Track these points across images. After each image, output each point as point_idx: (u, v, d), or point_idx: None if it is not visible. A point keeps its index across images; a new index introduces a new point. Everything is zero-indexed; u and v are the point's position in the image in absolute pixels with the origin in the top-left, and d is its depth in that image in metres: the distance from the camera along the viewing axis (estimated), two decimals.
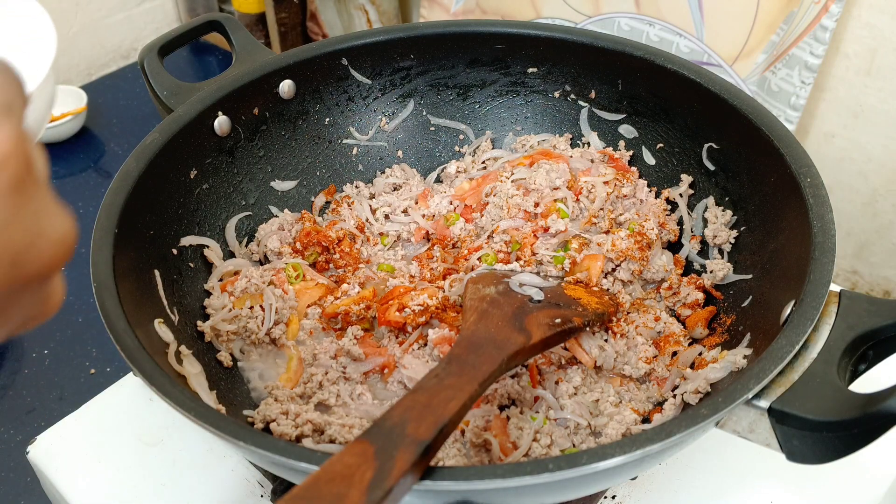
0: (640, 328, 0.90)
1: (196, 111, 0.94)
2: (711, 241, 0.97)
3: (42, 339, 1.62)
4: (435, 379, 0.68)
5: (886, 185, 1.57)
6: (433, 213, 1.05)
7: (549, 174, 1.02)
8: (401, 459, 0.58)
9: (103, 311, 0.72)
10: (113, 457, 0.91)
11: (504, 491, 0.60)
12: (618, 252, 0.94)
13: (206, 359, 0.85)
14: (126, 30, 2.48)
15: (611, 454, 0.60)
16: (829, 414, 0.62)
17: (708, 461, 0.90)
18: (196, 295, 0.92)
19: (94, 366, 1.58)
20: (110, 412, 0.95)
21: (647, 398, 0.85)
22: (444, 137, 1.14)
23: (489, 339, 0.77)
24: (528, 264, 0.95)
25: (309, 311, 0.93)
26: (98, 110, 2.25)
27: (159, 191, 0.90)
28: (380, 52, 1.07)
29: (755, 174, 0.91)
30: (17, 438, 1.45)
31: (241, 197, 1.02)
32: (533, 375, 0.86)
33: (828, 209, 0.78)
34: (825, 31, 1.41)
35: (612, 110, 1.08)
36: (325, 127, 1.09)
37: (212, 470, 0.90)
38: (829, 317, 0.70)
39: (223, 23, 1.06)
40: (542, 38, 1.06)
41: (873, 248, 1.65)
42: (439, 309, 0.90)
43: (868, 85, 1.49)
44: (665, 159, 1.05)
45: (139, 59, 1.02)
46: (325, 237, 0.99)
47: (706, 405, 0.64)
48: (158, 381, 0.67)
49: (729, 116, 0.93)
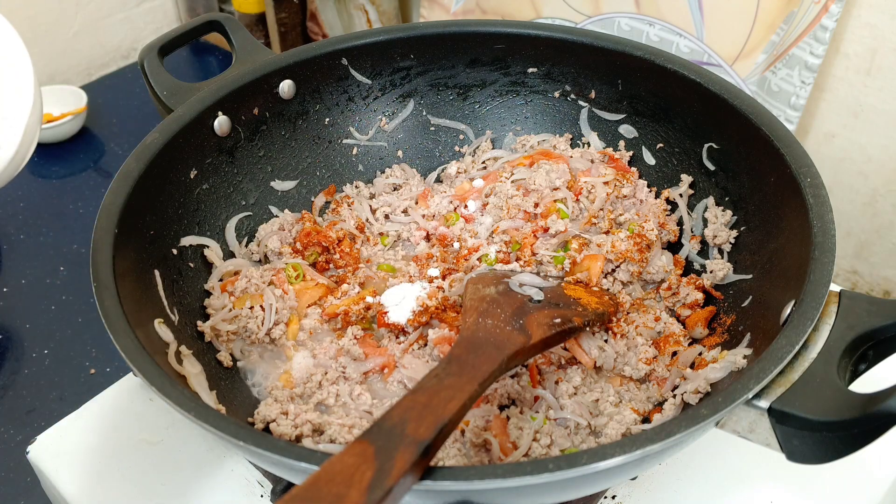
0: (640, 328, 0.90)
1: (196, 111, 0.94)
2: (711, 241, 0.97)
3: (42, 339, 1.62)
4: (435, 379, 0.68)
5: (886, 185, 1.57)
6: (433, 213, 1.05)
7: (549, 174, 1.02)
8: (401, 459, 0.58)
9: (103, 311, 0.72)
10: (113, 457, 0.91)
11: (504, 491, 0.60)
12: (617, 253, 0.94)
13: (206, 359, 0.85)
14: (126, 30, 2.48)
15: (611, 454, 0.60)
16: (829, 414, 0.62)
17: (708, 461, 0.90)
18: (196, 295, 0.92)
19: (94, 366, 1.57)
20: (110, 412, 0.95)
21: (647, 398, 0.85)
22: (444, 137, 1.14)
23: (489, 339, 0.77)
24: (528, 264, 0.95)
25: (309, 311, 0.93)
26: (98, 110, 2.25)
27: (159, 191, 0.90)
28: (380, 52, 1.07)
29: (755, 174, 0.91)
30: (17, 438, 1.45)
31: (241, 197, 1.02)
32: (533, 375, 0.86)
33: (828, 209, 0.78)
34: (825, 31, 1.41)
35: (612, 110, 1.08)
36: (325, 127, 1.09)
37: (212, 470, 0.90)
38: (829, 317, 0.70)
39: (223, 23, 1.06)
40: (542, 38, 1.06)
41: (873, 248, 1.65)
42: (439, 309, 0.90)
43: (868, 85, 1.49)
44: (665, 159, 1.05)
45: (139, 59, 1.02)
46: (325, 237, 0.99)
47: (706, 405, 0.64)
48: (158, 381, 0.67)
49: (729, 116, 0.92)
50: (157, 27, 2.54)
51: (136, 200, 0.84)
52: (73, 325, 1.64)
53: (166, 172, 0.91)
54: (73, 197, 1.98)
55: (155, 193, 0.89)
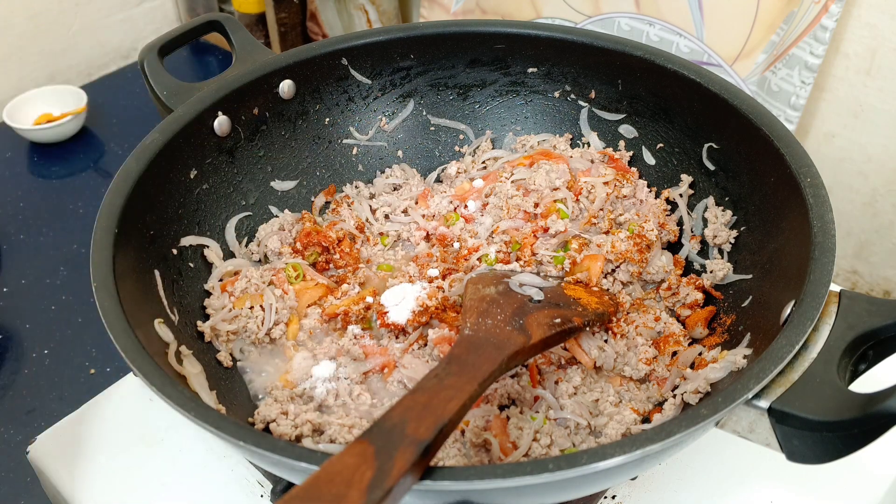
0: (639, 328, 0.90)
1: (196, 111, 0.94)
2: (711, 241, 0.97)
3: (42, 339, 1.62)
4: (435, 379, 0.68)
5: (886, 185, 1.57)
6: (433, 213, 1.05)
7: (548, 174, 1.02)
8: (400, 459, 0.58)
9: (103, 311, 0.72)
10: (113, 457, 0.91)
11: (504, 491, 0.60)
12: (617, 253, 0.94)
13: (206, 359, 0.85)
14: (126, 30, 2.48)
15: (611, 454, 0.60)
16: (829, 414, 0.62)
17: (708, 461, 0.90)
18: (196, 295, 0.92)
19: (94, 366, 1.57)
20: (110, 412, 0.95)
21: (647, 398, 0.85)
22: (444, 137, 1.14)
23: (489, 339, 0.77)
24: (528, 264, 0.95)
25: (309, 311, 0.93)
26: (98, 110, 2.25)
27: (159, 191, 0.90)
28: (380, 52, 1.07)
29: (755, 174, 0.91)
30: (17, 438, 1.45)
31: (241, 197, 1.02)
32: (533, 375, 0.86)
33: (828, 209, 0.78)
34: (825, 31, 1.41)
35: (612, 110, 1.08)
36: (325, 127, 1.09)
37: (212, 470, 0.90)
38: (829, 317, 0.70)
39: (223, 23, 1.06)
40: (542, 38, 1.06)
41: (873, 248, 1.65)
42: (439, 309, 0.90)
43: (868, 85, 1.49)
44: (665, 159, 1.05)
45: (139, 59, 1.01)
46: (325, 237, 0.99)
47: (706, 405, 0.64)
48: (158, 381, 0.67)
49: (729, 116, 0.93)
50: (157, 27, 2.54)
51: (136, 200, 0.84)
52: (73, 325, 1.65)
53: (166, 172, 0.91)
54: (73, 197, 1.98)
55: (155, 193, 0.89)
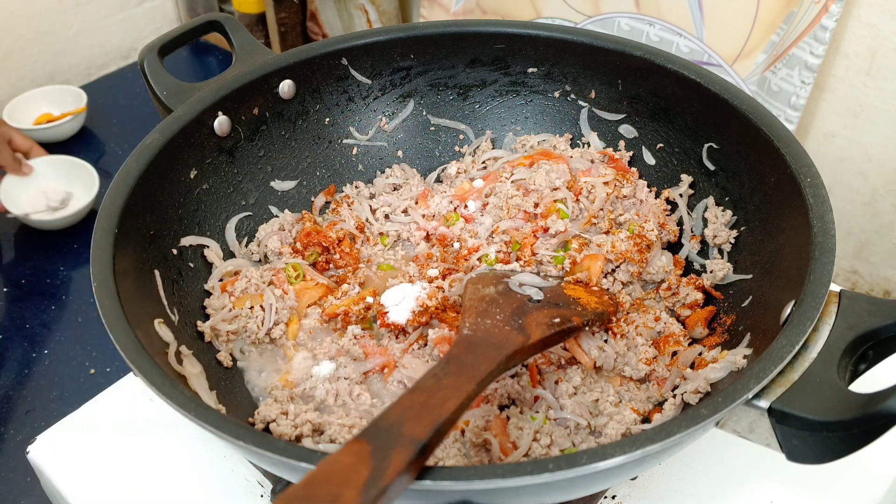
0: (639, 328, 0.90)
1: (196, 111, 0.94)
2: (711, 241, 0.97)
3: (42, 339, 1.63)
4: (433, 378, 0.68)
5: (886, 185, 1.57)
6: (433, 213, 1.05)
7: (548, 174, 1.02)
8: (396, 459, 0.58)
9: (103, 311, 0.72)
10: (113, 457, 0.91)
11: (504, 491, 0.60)
12: (617, 253, 0.94)
13: (206, 359, 0.85)
14: (126, 30, 2.48)
15: (611, 454, 0.60)
16: (829, 414, 0.62)
17: (708, 461, 0.90)
18: (196, 295, 0.92)
19: (94, 366, 1.58)
20: (110, 412, 0.95)
21: (647, 398, 0.85)
22: (444, 137, 1.14)
23: (488, 338, 0.76)
24: (528, 264, 0.95)
25: (309, 311, 0.93)
26: (98, 110, 2.25)
27: (159, 191, 0.90)
28: (380, 52, 1.07)
29: (755, 174, 0.91)
30: (17, 438, 1.45)
31: (241, 197, 1.02)
32: (533, 375, 0.86)
33: (828, 209, 0.78)
34: (825, 31, 1.41)
35: (612, 110, 1.08)
36: (325, 127, 1.09)
37: (212, 470, 0.90)
38: (829, 317, 0.70)
39: (223, 23, 1.06)
40: (542, 38, 1.06)
41: (873, 248, 1.65)
42: (439, 309, 0.90)
43: (868, 85, 1.49)
44: (665, 159, 1.05)
45: (139, 59, 1.01)
46: (325, 237, 0.99)
47: (706, 405, 0.64)
48: (158, 381, 0.67)
49: (729, 116, 0.92)
50: (157, 27, 2.55)
51: (136, 200, 0.84)
52: (73, 325, 1.65)
53: (166, 172, 0.91)
54: None
55: (155, 193, 0.89)
